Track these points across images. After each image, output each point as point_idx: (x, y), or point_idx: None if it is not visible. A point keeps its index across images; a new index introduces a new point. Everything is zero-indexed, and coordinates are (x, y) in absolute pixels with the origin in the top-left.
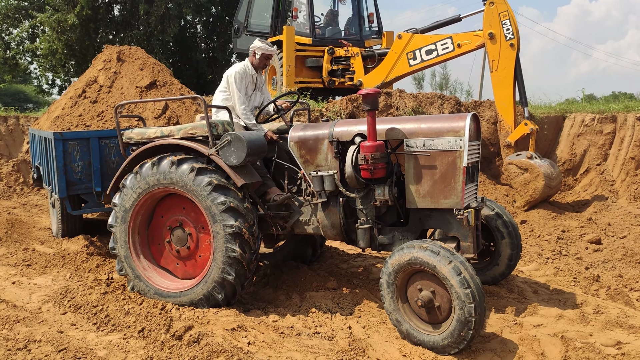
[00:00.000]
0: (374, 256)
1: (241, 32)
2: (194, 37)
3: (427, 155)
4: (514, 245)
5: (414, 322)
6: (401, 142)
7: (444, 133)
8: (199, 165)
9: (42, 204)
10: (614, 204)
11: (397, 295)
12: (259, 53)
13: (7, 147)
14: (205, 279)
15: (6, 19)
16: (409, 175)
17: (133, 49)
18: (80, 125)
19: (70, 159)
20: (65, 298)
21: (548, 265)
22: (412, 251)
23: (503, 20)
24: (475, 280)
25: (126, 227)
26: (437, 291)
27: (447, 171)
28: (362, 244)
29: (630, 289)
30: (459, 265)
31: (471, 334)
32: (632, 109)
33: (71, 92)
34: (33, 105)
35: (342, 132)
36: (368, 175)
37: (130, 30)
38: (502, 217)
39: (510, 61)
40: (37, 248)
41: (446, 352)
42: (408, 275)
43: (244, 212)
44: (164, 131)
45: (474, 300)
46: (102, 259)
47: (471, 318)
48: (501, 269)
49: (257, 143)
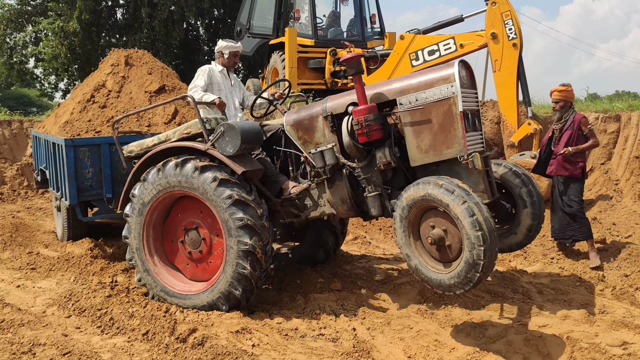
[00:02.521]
0: (378, 257)
1: (243, 34)
2: (196, 39)
3: (421, 109)
4: (535, 215)
5: (423, 258)
6: (394, 102)
7: (434, 83)
8: (222, 176)
9: (47, 207)
10: (618, 204)
11: (410, 230)
12: (226, 52)
13: (11, 150)
14: (212, 288)
15: (9, 24)
16: (407, 134)
17: (140, 52)
18: (90, 131)
19: (81, 165)
20: (70, 301)
21: (553, 265)
22: (427, 187)
23: (505, 20)
24: (489, 223)
25: (142, 219)
26: (449, 230)
27: (444, 121)
28: (374, 212)
29: (635, 288)
30: (472, 206)
31: (478, 277)
32: (636, 108)
33: (79, 97)
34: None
35: (334, 105)
36: (365, 139)
37: (134, 34)
38: (527, 185)
39: (513, 61)
40: (42, 251)
41: (452, 291)
42: (422, 211)
43: (259, 231)
44: (160, 137)
45: (484, 243)
46: (106, 262)
47: (479, 261)
48: (519, 239)
49: (252, 131)
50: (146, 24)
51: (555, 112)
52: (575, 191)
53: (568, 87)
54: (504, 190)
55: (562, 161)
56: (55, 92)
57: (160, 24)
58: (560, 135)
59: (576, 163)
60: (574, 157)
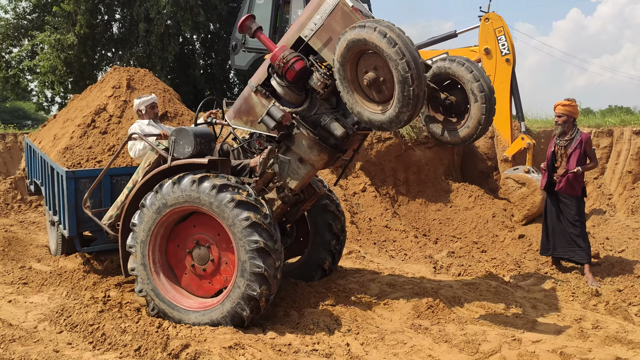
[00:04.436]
0: (372, 271)
1: (239, 49)
2: (192, 54)
3: (323, 27)
4: (486, 109)
5: (365, 104)
6: (299, 39)
7: (320, 2)
8: (249, 214)
9: (40, 221)
10: (611, 218)
11: (352, 88)
12: (143, 108)
13: (5, 164)
14: (220, 307)
15: (6, 38)
16: (325, 54)
17: (142, 72)
18: (90, 160)
19: (81, 197)
20: (62, 317)
21: (547, 280)
22: (345, 36)
23: (498, 36)
24: (403, 38)
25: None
26: (377, 66)
27: (345, 21)
28: (338, 132)
29: (629, 303)
30: (383, 28)
31: (412, 92)
32: (628, 123)
33: (79, 119)
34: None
35: (257, 76)
36: (292, 72)
37: (130, 48)
38: (478, 80)
39: (506, 76)
40: (34, 266)
41: (394, 124)
42: (355, 62)
43: (271, 282)
44: (128, 186)
45: (404, 56)
46: (99, 276)
47: (407, 74)
48: (470, 132)
49: (200, 129)
50: (142, 38)
51: (558, 126)
52: (580, 210)
53: (572, 102)
54: (459, 86)
55: (572, 180)
56: (51, 105)
57: (156, 38)
58: (569, 153)
59: (581, 182)
60: (580, 177)
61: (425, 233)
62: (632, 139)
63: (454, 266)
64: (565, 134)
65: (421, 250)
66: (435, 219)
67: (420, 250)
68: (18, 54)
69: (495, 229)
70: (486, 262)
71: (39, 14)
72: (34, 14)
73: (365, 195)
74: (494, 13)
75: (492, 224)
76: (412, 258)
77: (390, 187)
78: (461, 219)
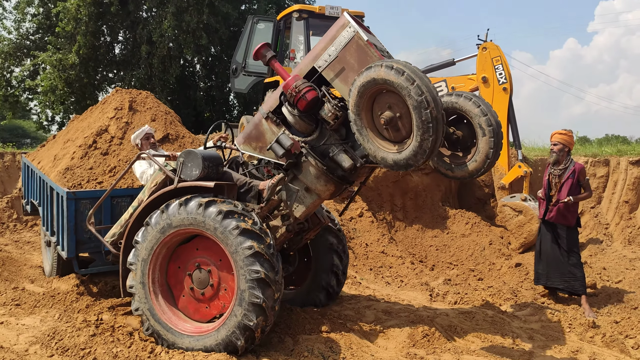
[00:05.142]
0: (368, 297)
1: (239, 72)
2: (193, 76)
3: (337, 59)
4: (493, 143)
5: (379, 142)
6: (313, 69)
7: (335, 35)
8: (252, 243)
9: (35, 240)
10: (608, 248)
11: (367, 126)
12: (139, 142)
13: (2, 183)
14: (215, 333)
15: (8, 58)
16: (338, 85)
17: (144, 94)
18: (91, 181)
19: (81, 218)
20: (53, 340)
21: (543, 311)
22: (355, 83)
23: (496, 65)
24: (411, 67)
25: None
26: (391, 103)
27: (359, 55)
28: (347, 164)
29: (625, 336)
30: (389, 63)
31: (431, 113)
32: (624, 153)
33: (80, 140)
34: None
35: (269, 103)
36: (304, 102)
37: (131, 70)
38: (486, 114)
39: (503, 104)
40: (27, 287)
41: (410, 165)
42: (370, 107)
43: (269, 314)
44: (134, 205)
45: (414, 81)
46: (92, 299)
47: (421, 97)
48: (478, 166)
49: (209, 152)
50: (144, 60)
51: (553, 154)
52: (574, 241)
53: (569, 133)
54: (465, 121)
55: (564, 210)
56: (51, 125)
57: (158, 60)
58: (562, 183)
59: (574, 212)
60: (573, 206)
61: (421, 259)
62: (628, 169)
63: (451, 294)
64: (559, 163)
65: (417, 277)
66: (432, 245)
67: (417, 277)
68: (20, 73)
69: (492, 256)
70: (483, 291)
71: (42, 34)
72: (37, 35)
73: (362, 221)
74: (492, 42)
75: (489, 251)
76: (408, 285)
77: (387, 213)
78: (458, 246)
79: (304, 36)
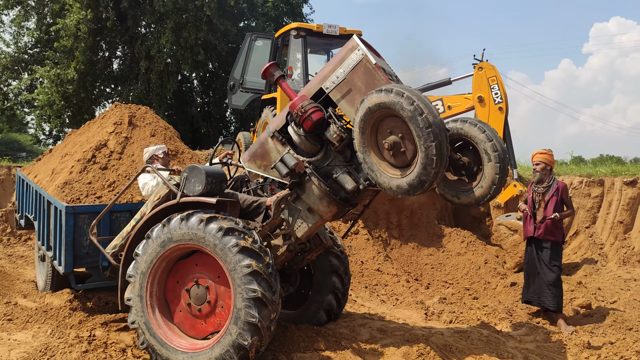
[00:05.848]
0: (363, 315)
1: (236, 88)
2: (190, 91)
3: (345, 81)
4: (500, 168)
5: (383, 167)
6: (320, 90)
7: (344, 57)
8: (228, 224)
9: (28, 255)
10: (603, 268)
11: (371, 150)
12: (160, 153)
13: None
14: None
15: (6, 71)
16: (344, 107)
17: (143, 109)
18: (90, 195)
19: (79, 232)
20: (45, 356)
21: (538, 331)
22: (363, 104)
23: (492, 84)
24: (418, 95)
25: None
26: (401, 132)
27: (366, 78)
28: (350, 187)
29: (620, 357)
30: (399, 90)
31: (434, 170)
32: (619, 173)
33: (78, 154)
34: (26, 154)
35: (275, 122)
36: (310, 123)
37: (129, 85)
38: (492, 140)
39: (499, 124)
40: (20, 302)
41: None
42: (375, 127)
43: (264, 334)
44: (136, 217)
45: (423, 113)
46: (85, 314)
47: (428, 129)
48: (484, 192)
49: (213, 168)
50: (142, 75)
51: (536, 174)
52: (558, 256)
53: (549, 152)
54: (470, 147)
55: (551, 227)
56: (48, 139)
57: (155, 75)
58: (547, 200)
59: (561, 229)
60: (558, 223)
61: (417, 278)
62: (623, 189)
63: (446, 313)
64: (543, 181)
65: (413, 296)
66: (428, 263)
67: (412, 296)
68: (17, 86)
69: (487, 275)
70: (478, 310)
71: (40, 49)
72: (36, 49)
73: (357, 238)
74: (488, 62)
75: (484, 270)
76: (403, 303)
77: (383, 231)
78: (453, 265)
79: (302, 54)
